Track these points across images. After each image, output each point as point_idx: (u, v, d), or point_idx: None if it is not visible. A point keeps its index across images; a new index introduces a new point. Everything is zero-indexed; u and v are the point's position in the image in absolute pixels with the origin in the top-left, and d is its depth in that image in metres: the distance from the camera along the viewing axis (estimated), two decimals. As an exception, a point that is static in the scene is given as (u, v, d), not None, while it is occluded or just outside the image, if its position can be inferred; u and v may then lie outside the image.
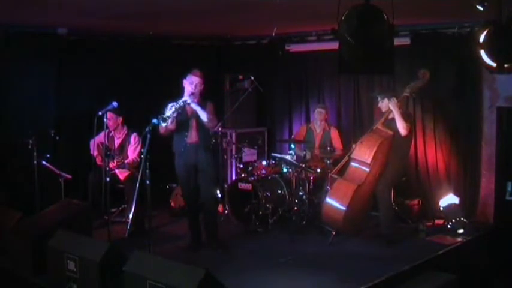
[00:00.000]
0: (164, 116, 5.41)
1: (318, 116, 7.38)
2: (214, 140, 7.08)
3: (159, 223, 6.94)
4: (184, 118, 5.73)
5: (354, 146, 6.33)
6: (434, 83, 6.46)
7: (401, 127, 5.97)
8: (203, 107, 5.65)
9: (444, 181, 7.07)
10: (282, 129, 8.67)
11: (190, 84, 5.68)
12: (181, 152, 5.79)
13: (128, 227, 6.29)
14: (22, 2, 5.02)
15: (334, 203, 6.04)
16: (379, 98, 6.22)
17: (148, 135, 5.18)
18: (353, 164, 6.14)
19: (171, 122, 5.55)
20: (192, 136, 5.76)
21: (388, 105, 6.08)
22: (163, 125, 5.43)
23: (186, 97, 5.63)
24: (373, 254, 5.80)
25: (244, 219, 6.83)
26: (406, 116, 6.07)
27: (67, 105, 7.22)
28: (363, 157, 6.00)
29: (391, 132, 6.03)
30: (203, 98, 5.76)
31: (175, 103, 5.57)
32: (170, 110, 5.50)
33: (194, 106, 5.62)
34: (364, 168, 6.02)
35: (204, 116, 5.62)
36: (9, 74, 6.80)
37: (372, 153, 5.93)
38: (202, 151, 5.80)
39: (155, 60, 7.94)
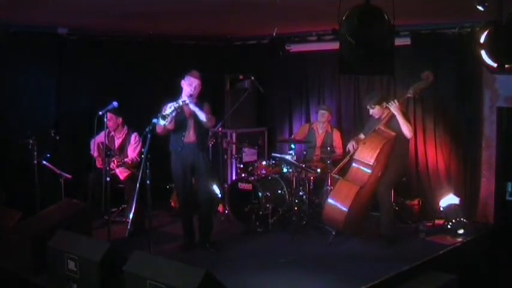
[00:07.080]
0: (164, 114, 5.46)
1: (321, 118, 7.33)
2: (214, 140, 7.09)
3: (159, 223, 6.94)
4: (182, 118, 5.75)
5: (350, 144, 6.33)
6: (435, 83, 6.46)
7: (407, 130, 5.98)
8: (200, 108, 5.69)
9: (444, 181, 7.06)
10: (282, 129, 8.66)
11: (189, 85, 5.70)
12: (178, 151, 5.81)
13: (128, 227, 6.27)
14: (23, 1, 5.02)
15: (336, 204, 6.03)
16: (368, 107, 6.21)
17: (149, 135, 5.22)
18: (355, 165, 6.13)
19: (170, 122, 5.58)
20: (190, 136, 5.79)
21: (381, 111, 6.11)
22: (162, 123, 5.46)
23: (184, 97, 5.66)
24: (373, 254, 5.81)
25: (244, 219, 6.83)
26: (408, 118, 6.07)
27: (67, 105, 7.23)
28: (366, 158, 5.98)
29: (393, 133, 6.02)
30: (200, 99, 5.79)
31: (174, 103, 5.60)
32: (170, 109, 5.55)
33: (192, 107, 5.67)
34: (366, 169, 6.00)
35: (202, 116, 5.66)
36: (9, 73, 6.79)
37: (375, 155, 5.92)
38: (199, 151, 5.83)
39: (155, 60, 7.93)
